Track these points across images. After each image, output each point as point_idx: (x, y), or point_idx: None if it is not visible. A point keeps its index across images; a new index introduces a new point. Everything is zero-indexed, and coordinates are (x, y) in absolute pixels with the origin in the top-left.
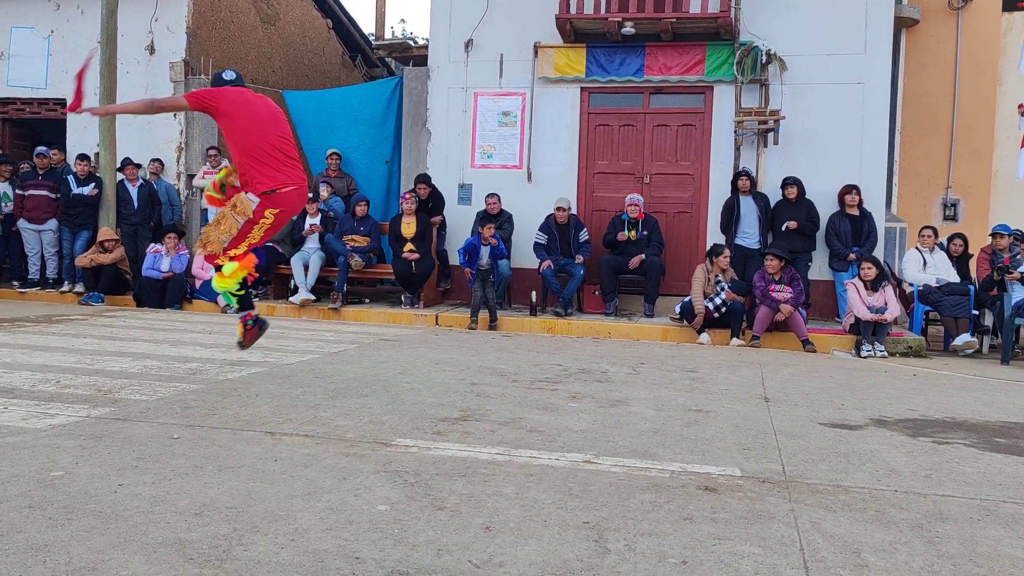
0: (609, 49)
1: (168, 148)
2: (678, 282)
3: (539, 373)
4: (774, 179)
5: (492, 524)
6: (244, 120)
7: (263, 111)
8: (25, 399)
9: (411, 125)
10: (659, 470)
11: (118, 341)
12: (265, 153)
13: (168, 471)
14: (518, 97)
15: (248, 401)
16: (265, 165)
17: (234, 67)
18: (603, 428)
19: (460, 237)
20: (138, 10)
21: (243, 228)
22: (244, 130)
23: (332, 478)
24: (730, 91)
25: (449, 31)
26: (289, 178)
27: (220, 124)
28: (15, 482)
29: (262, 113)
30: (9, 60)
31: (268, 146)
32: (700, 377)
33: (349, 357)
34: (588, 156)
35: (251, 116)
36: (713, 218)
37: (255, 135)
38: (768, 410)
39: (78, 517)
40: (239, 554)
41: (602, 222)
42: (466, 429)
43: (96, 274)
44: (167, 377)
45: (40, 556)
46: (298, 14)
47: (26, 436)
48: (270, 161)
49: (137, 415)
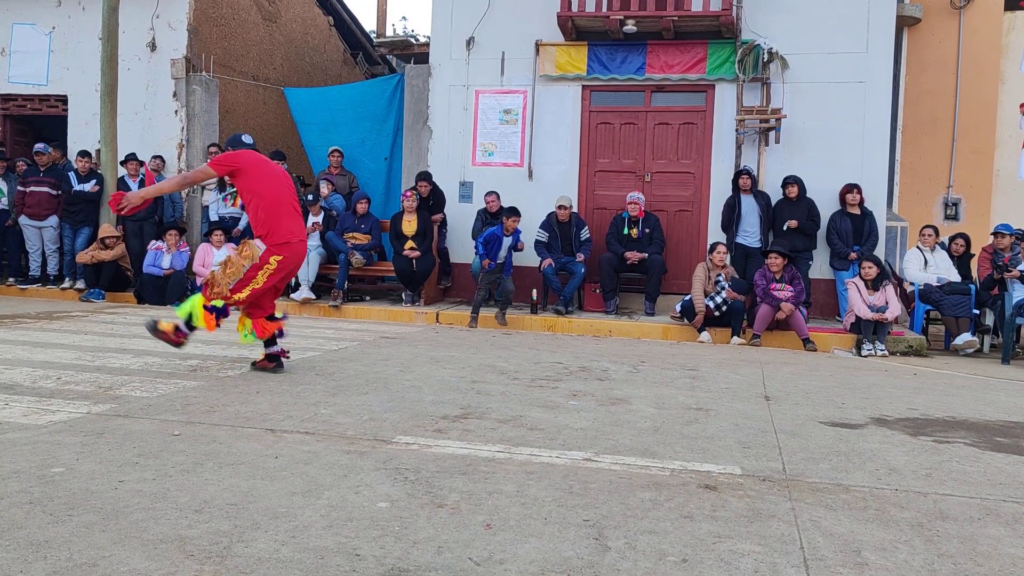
0: (611, 47)
1: (169, 145)
2: (679, 280)
3: (540, 371)
4: (775, 178)
5: (492, 522)
6: (267, 177)
7: (277, 170)
8: (26, 395)
9: (412, 123)
10: (659, 468)
11: (119, 338)
12: (284, 207)
13: (169, 468)
14: (519, 95)
15: (249, 398)
16: (284, 217)
17: (237, 65)
18: (603, 426)
19: (461, 235)
20: (139, 7)
21: (248, 272)
22: (268, 186)
23: (332, 475)
24: (731, 90)
25: (451, 28)
26: (298, 230)
27: (242, 183)
28: (16, 478)
29: (277, 172)
30: (10, 56)
31: (284, 202)
32: (701, 375)
33: (350, 355)
34: (589, 154)
35: (271, 174)
36: (714, 217)
37: (275, 190)
38: (769, 409)
39: (79, 513)
40: (240, 551)
41: (603, 220)
42: (467, 427)
43: (97, 271)
44: (168, 374)
45: (41, 552)
46: (299, 11)
47: (27, 432)
48: (286, 214)
49: (138, 412)
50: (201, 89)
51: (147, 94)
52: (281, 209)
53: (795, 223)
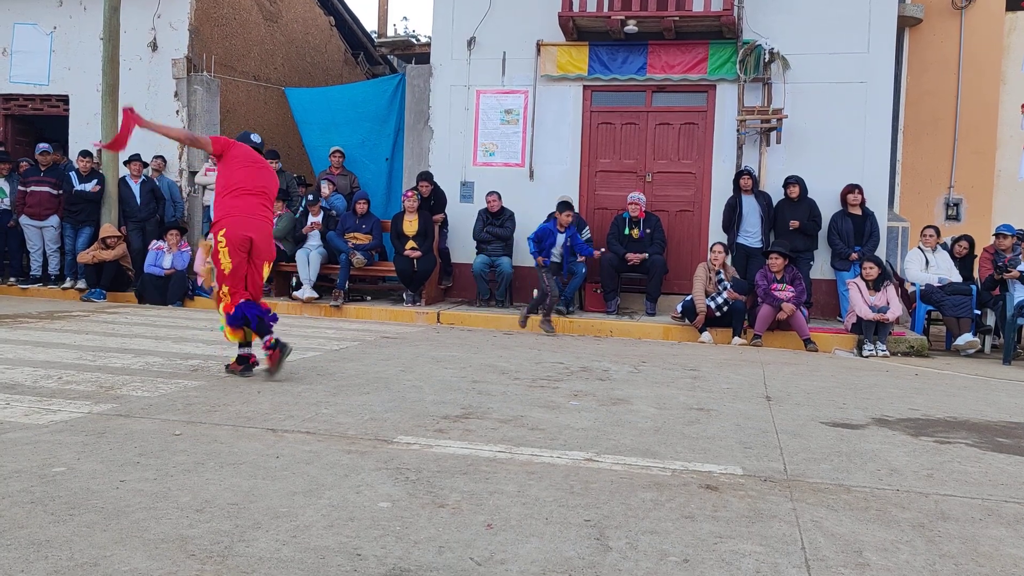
0: (612, 47)
1: (171, 145)
2: (680, 281)
3: (541, 371)
4: (776, 178)
5: (493, 522)
6: (245, 171)
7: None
8: (27, 395)
9: (413, 123)
10: (661, 468)
11: (120, 337)
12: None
13: (170, 467)
14: (520, 95)
15: (250, 398)
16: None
17: (238, 65)
18: (604, 426)
19: (462, 235)
20: (141, 7)
21: (214, 263)
22: (240, 179)
23: (334, 475)
24: (733, 90)
25: (452, 28)
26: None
27: (222, 168)
28: (17, 478)
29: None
30: (12, 56)
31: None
32: (702, 376)
33: (351, 354)
34: (590, 154)
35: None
36: (715, 217)
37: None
38: (770, 409)
39: (80, 513)
40: (241, 550)
41: (604, 220)
42: (468, 427)
43: (98, 270)
44: (169, 374)
45: (42, 552)
46: (300, 11)
47: (28, 432)
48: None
49: (139, 411)
50: (202, 89)
51: (148, 94)
52: (237, 196)
53: (797, 223)
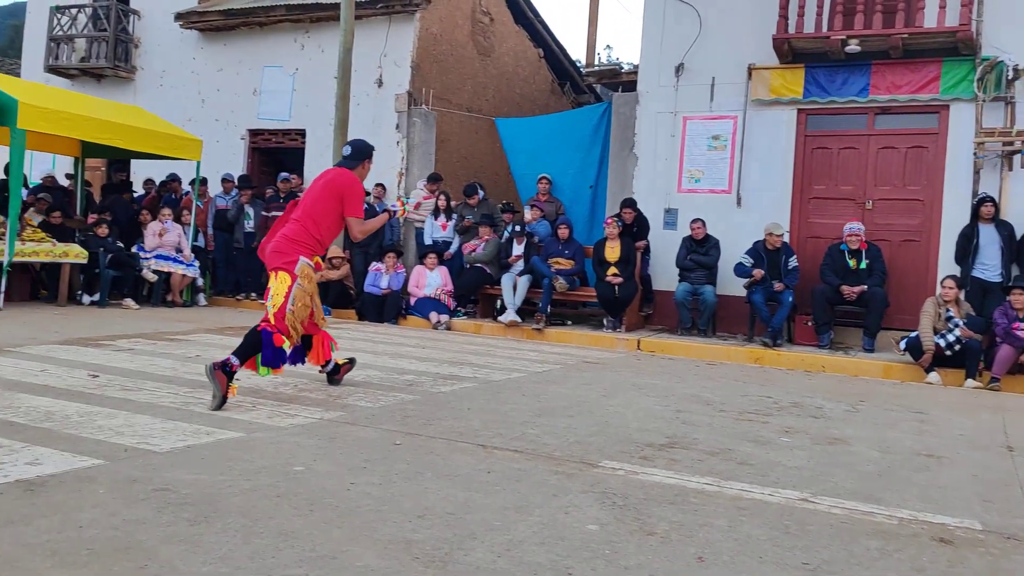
0: (830, 68)
1: (390, 174)
2: (902, 315)
3: (747, 404)
4: (1019, 206)
5: (704, 555)
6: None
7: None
8: (269, 399)
9: (618, 150)
10: (886, 516)
11: (344, 352)
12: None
13: (392, 474)
14: (729, 120)
15: (461, 414)
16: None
17: (453, 98)
18: (820, 466)
19: (665, 262)
20: (369, 46)
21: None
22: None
23: (542, 494)
24: (969, 110)
25: (660, 55)
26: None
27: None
28: (265, 473)
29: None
30: (261, 95)
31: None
32: (930, 419)
33: (553, 377)
34: (803, 180)
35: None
36: (946, 247)
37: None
38: (1012, 460)
39: (318, 509)
40: (459, 558)
41: (817, 249)
42: (673, 456)
43: (324, 289)
44: (387, 387)
45: (289, 541)
46: (512, 45)
47: (272, 433)
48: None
49: (363, 420)
50: (420, 121)
51: (372, 126)
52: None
53: None
